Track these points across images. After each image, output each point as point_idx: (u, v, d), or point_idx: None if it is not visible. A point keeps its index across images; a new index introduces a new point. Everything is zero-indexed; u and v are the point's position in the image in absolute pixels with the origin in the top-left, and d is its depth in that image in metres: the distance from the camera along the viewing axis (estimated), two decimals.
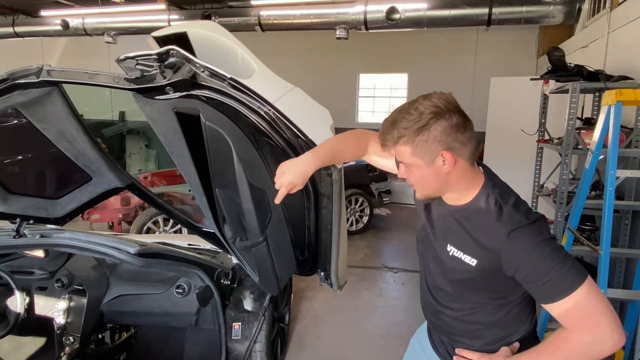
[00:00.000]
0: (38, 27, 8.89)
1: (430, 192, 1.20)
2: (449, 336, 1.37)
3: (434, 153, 1.11)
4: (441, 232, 1.28)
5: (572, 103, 3.20)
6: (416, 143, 1.10)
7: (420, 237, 1.39)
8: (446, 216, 1.25)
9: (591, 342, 1.03)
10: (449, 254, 1.23)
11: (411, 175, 1.18)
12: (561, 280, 1.04)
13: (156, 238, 3.31)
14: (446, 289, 1.31)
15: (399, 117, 1.12)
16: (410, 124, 1.09)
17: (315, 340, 3.38)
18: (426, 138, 1.09)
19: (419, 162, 1.13)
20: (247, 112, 1.54)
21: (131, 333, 2.66)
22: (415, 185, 1.21)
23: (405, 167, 1.18)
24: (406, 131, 1.10)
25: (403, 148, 1.13)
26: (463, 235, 1.19)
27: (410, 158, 1.13)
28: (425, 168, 1.14)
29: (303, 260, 2.09)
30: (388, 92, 10.23)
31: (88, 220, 5.18)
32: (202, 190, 1.86)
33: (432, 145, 1.10)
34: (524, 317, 1.27)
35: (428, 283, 1.39)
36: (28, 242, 1.96)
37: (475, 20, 6.46)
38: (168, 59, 1.47)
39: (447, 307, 1.33)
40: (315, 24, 7.16)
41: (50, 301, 2.34)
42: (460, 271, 1.20)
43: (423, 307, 1.47)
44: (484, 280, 1.18)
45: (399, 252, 5.85)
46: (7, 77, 1.48)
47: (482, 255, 1.14)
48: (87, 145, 1.80)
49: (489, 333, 1.28)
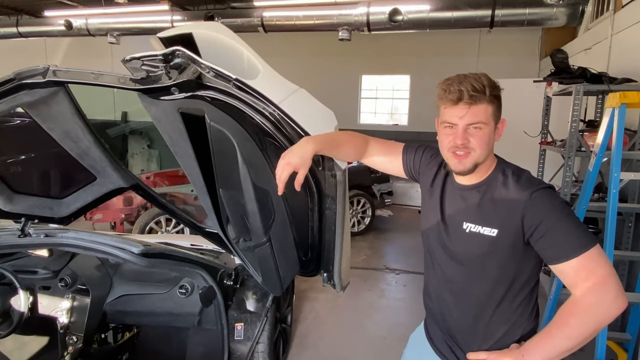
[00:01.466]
0: (42, 28, 8.93)
1: (483, 157, 1.23)
2: (457, 338, 1.37)
3: (498, 119, 1.22)
4: (455, 215, 1.30)
5: (576, 105, 3.20)
6: (496, 105, 1.20)
7: (429, 229, 1.39)
8: (461, 197, 1.30)
9: (599, 302, 1.07)
10: (466, 231, 1.26)
11: (476, 138, 1.20)
12: (578, 238, 1.10)
13: (159, 238, 3.32)
14: (458, 281, 1.32)
15: (479, 77, 1.18)
16: (494, 86, 1.19)
17: (317, 341, 3.38)
18: (500, 103, 1.21)
19: (492, 123, 1.21)
20: (252, 113, 1.54)
21: (134, 333, 2.66)
22: (477, 147, 1.20)
23: (474, 128, 1.19)
24: (493, 91, 1.18)
25: (488, 107, 1.19)
26: (481, 210, 1.24)
27: (489, 117, 1.19)
28: (491, 131, 1.21)
29: (306, 261, 2.09)
30: (390, 94, 10.24)
31: (91, 220, 5.19)
32: (206, 190, 1.86)
33: (499, 112, 1.22)
34: (528, 312, 1.30)
35: (438, 277, 1.39)
36: (33, 241, 1.97)
37: (478, 22, 6.47)
38: (173, 59, 1.47)
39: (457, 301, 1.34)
40: (318, 25, 7.17)
41: (54, 300, 2.35)
42: (478, 247, 1.24)
43: (430, 307, 1.47)
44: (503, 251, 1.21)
45: (401, 253, 5.85)
46: (13, 77, 1.49)
47: (504, 222, 1.19)
48: (92, 145, 1.81)
49: (496, 329, 1.29)
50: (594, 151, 2.67)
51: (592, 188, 2.74)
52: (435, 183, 1.38)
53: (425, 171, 1.42)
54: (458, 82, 1.17)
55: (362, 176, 6.43)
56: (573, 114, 3.18)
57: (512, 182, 1.20)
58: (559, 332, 1.11)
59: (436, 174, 1.39)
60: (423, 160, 1.45)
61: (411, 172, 1.49)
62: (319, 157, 1.58)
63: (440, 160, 1.37)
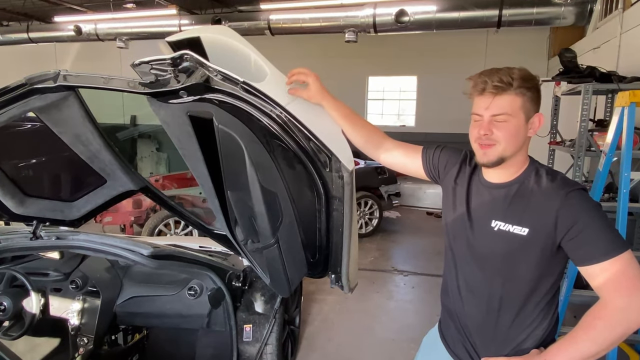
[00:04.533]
0: (51, 33, 9.05)
1: (510, 152, 1.21)
2: (475, 338, 1.35)
3: (532, 112, 1.19)
4: (483, 213, 1.29)
5: (585, 105, 3.18)
6: (527, 97, 1.17)
7: (452, 228, 1.38)
8: (490, 195, 1.28)
9: (628, 307, 1.05)
10: (494, 229, 1.24)
11: (502, 130, 1.18)
12: (610, 241, 1.09)
13: (168, 240, 3.34)
14: (479, 281, 1.30)
15: (509, 69, 1.17)
16: (527, 78, 1.18)
17: (326, 342, 3.38)
18: (535, 96, 1.18)
19: (522, 116, 1.18)
20: (260, 115, 1.55)
21: (143, 334, 2.68)
22: (503, 140, 1.19)
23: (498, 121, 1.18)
24: (525, 82, 1.16)
25: (515, 98, 1.17)
26: (512, 209, 1.22)
27: (517, 110, 1.17)
28: (521, 124, 1.19)
29: (314, 262, 2.09)
30: (397, 95, 10.22)
31: (101, 222, 5.25)
32: (214, 192, 1.87)
33: (534, 105, 1.19)
34: (549, 317, 1.28)
35: (458, 277, 1.37)
36: (45, 243, 1.99)
37: (485, 22, 6.45)
38: (182, 63, 1.48)
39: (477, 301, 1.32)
40: (325, 28, 7.19)
41: (65, 302, 2.37)
42: (506, 245, 1.22)
43: (448, 306, 1.45)
44: (531, 251, 1.19)
45: (409, 255, 5.83)
46: (25, 82, 1.51)
47: (536, 222, 1.17)
48: (102, 148, 1.83)
49: (516, 333, 1.27)
50: (603, 151, 2.65)
51: (602, 188, 2.71)
52: (460, 179, 1.36)
53: (448, 169, 1.41)
54: (488, 73, 1.18)
55: (370, 177, 6.43)
56: (582, 114, 3.16)
57: (547, 181, 1.19)
58: (585, 335, 1.09)
59: (460, 170, 1.38)
60: (443, 158, 1.44)
61: (432, 171, 1.47)
62: (326, 158, 1.59)
63: (464, 157, 1.38)
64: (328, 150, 1.55)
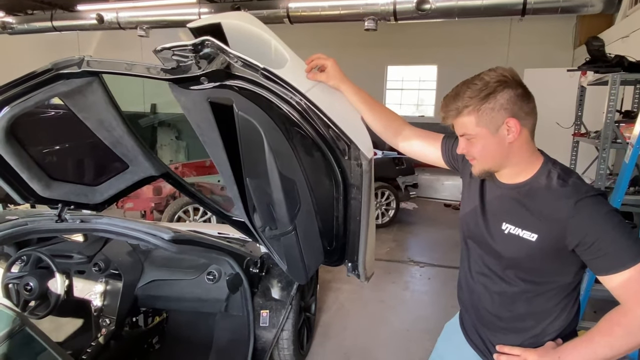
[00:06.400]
0: (74, 22, 9.18)
1: (491, 165, 1.20)
2: (490, 329, 1.35)
3: (499, 121, 1.13)
4: (494, 213, 1.26)
5: (612, 95, 3.08)
6: (482, 111, 1.13)
7: (466, 221, 1.37)
8: (502, 196, 1.25)
9: None
10: (504, 232, 1.21)
11: (473, 148, 1.18)
12: (627, 249, 1.04)
13: (187, 226, 3.40)
14: (492, 274, 1.29)
15: (462, 89, 1.15)
16: (476, 93, 1.12)
17: (341, 331, 3.41)
18: (492, 106, 1.12)
19: (484, 131, 1.15)
20: (279, 102, 1.55)
21: (163, 317, 2.75)
22: (477, 157, 1.20)
23: (467, 139, 1.18)
24: (471, 100, 1.12)
25: (467, 119, 1.15)
26: (522, 212, 1.18)
27: (475, 128, 1.15)
28: (489, 138, 1.15)
29: (331, 250, 2.10)
30: (417, 85, 10.09)
31: (122, 208, 5.36)
32: (233, 179, 1.89)
33: (497, 113, 1.12)
34: (566, 312, 1.25)
35: (472, 270, 1.37)
36: (69, 226, 2.05)
37: (510, 10, 6.25)
38: (203, 49, 1.49)
39: (490, 294, 1.31)
40: (344, 16, 7.10)
41: (88, 284, 2.45)
42: (516, 249, 1.19)
43: (462, 299, 1.45)
44: (541, 257, 1.17)
45: (426, 246, 5.80)
46: (51, 67, 1.55)
47: (545, 229, 1.13)
48: (124, 134, 1.86)
49: (531, 325, 1.26)
50: (630, 143, 2.57)
51: (627, 181, 2.64)
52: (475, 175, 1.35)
53: (466, 160, 1.38)
54: (444, 104, 1.20)
55: (387, 168, 6.39)
56: (609, 104, 3.07)
57: (557, 186, 1.13)
58: (602, 340, 1.07)
59: None
60: None
61: (451, 161, 1.46)
62: (345, 146, 1.59)
63: None
64: (347, 138, 1.55)
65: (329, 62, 1.48)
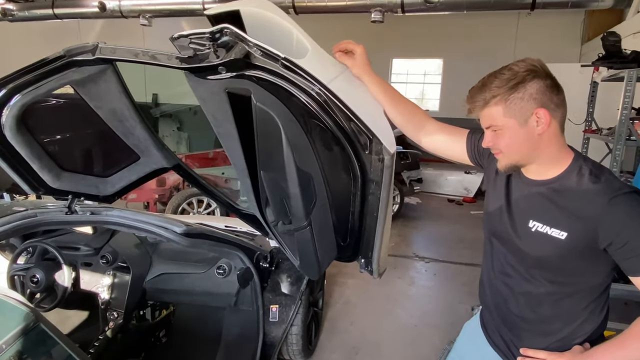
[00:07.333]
0: (76, 9, 9.05)
1: (518, 159, 1.15)
2: (514, 331, 1.31)
3: (528, 112, 1.09)
4: (521, 210, 1.22)
5: (627, 92, 3.04)
6: (510, 101, 1.09)
7: (490, 219, 1.33)
8: (529, 192, 1.20)
9: None
10: (531, 230, 1.17)
11: (500, 140, 1.14)
12: None
13: (194, 219, 3.36)
14: (517, 274, 1.25)
15: (489, 79, 1.11)
16: (504, 82, 1.08)
17: (348, 325, 3.39)
18: (521, 95, 1.08)
19: (512, 122, 1.10)
20: (299, 93, 1.50)
21: (170, 311, 2.72)
22: (504, 150, 1.15)
23: (493, 131, 1.14)
24: (500, 90, 1.08)
25: (494, 109, 1.11)
26: (551, 209, 1.14)
27: (502, 119, 1.11)
28: (517, 129, 1.11)
29: (344, 246, 2.06)
30: (421, 78, 10.01)
31: (125, 199, 5.32)
32: (247, 172, 1.85)
33: (527, 103, 1.08)
34: (595, 315, 1.21)
35: (495, 269, 1.33)
36: (80, 218, 2.01)
37: (519, 4, 6.17)
38: (221, 37, 1.43)
39: (515, 295, 1.27)
40: (350, 7, 7.01)
41: (95, 277, 2.41)
42: (543, 247, 1.15)
43: (485, 299, 1.41)
44: (570, 256, 1.13)
45: (430, 241, 5.78)
46: (64, 54, 1.49)
47: (575, 227, 1.09)
48: (137, 124, 1.81)
49: (558, 328, 1.22)
50: None
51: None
52: (500, 172, 1.29)
53: (492, 156, 1.35)
54: (470, 95, 1.16)
55: None
56: (624, 101, 3.02)
57: (589, 183, 1.09)
58: (634, 344, 1.04)
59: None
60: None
61: (477, 157, 1.41)
62: (367, 139, 1.54)
63: None
64: (369, 132, 1.50)
65: (358, 49, 1.44)
